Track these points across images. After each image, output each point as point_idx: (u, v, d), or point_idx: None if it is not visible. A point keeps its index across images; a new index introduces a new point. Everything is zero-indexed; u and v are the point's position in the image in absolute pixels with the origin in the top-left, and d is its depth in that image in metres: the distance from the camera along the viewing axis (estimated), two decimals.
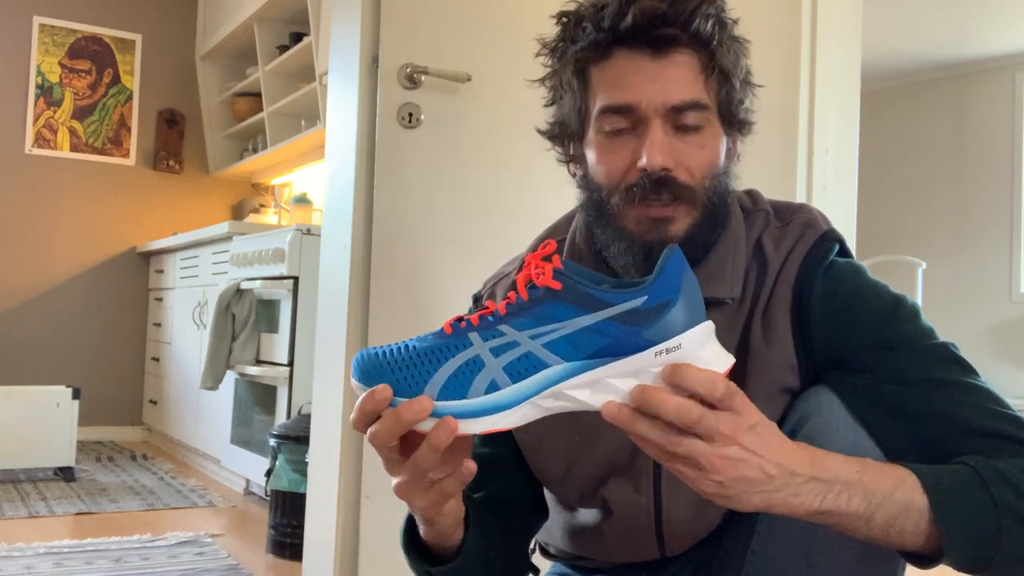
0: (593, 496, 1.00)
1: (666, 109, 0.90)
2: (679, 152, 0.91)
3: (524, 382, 0.74)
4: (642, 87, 0.90)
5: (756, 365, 0.94)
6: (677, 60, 0.91)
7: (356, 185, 1.88)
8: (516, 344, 0.74)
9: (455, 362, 0.74)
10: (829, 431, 0.88)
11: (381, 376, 0.75)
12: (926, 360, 0.90)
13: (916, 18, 4.81)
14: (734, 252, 0.97)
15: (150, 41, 5.08)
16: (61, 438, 3.62)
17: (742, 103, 0.96)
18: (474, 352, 0.74)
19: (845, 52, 2.21)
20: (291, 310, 3.09)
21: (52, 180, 4.84)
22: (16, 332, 4.72)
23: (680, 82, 0.91)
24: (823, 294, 0.94)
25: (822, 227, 0.98)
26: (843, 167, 2.20)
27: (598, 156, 0.95)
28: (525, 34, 2.00)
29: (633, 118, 0.91)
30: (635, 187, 0.91)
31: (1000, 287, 5.40)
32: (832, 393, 0.91)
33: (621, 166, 0.92)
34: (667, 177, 0.90)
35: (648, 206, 0.91)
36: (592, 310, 0.73)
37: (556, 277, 0.74)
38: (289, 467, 2.58)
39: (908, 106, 5.80)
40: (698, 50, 0.91)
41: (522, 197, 1.95)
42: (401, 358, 0.75)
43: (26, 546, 2.61)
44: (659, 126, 0.90)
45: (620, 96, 0.91)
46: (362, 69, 1.88)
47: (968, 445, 0.85)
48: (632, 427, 0.72)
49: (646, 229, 0.92)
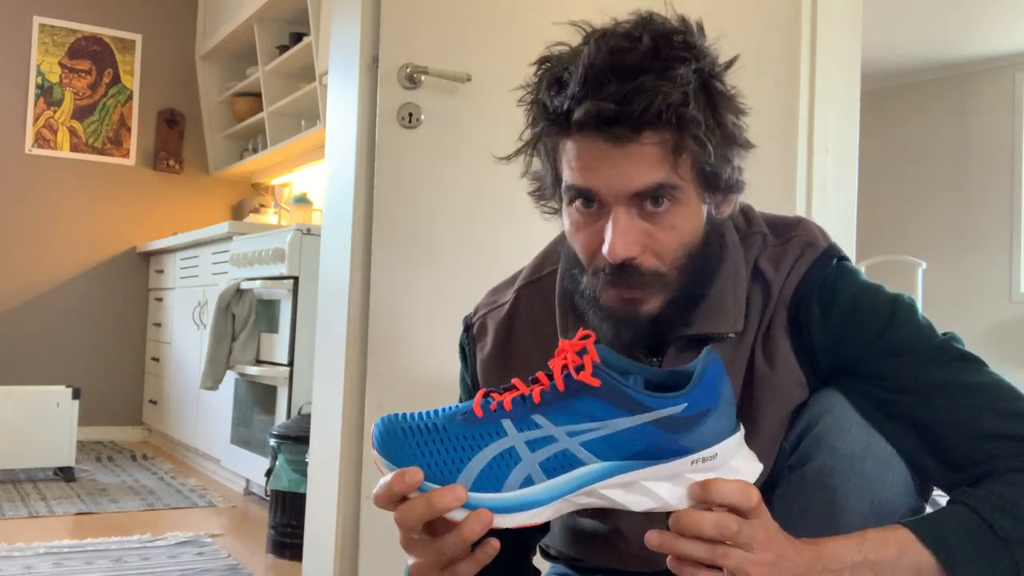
0: (605, 518, 1.00)
1: (627, 196, 0.86)
2: (647, 235, 0.87)
3: (560, 478, 0.74)
4: (602, 173, 0.86)
5: (764, 390, 0.94)
6: (637, 148, 0.85)
7: (356, 185, 1.88)
8: (553, 439, 0.73)
9: (490, 451, 0.74)
10: (841, 431, 0.88)
11: (410, 456, 0.74)
12: (932, 364, 0.89)
13: (916, 18, 4.81)
14: (734, 284, 0.95)
15: (150, 41, 5.08)
16: (61, 438, 3.62)
17: (726, 168, 0.89)
18: (509, 443, 0.74)
19: (845, 52, 2.21)
20: (291, 310, 3.09)
21: (52, 180, 4.83)
22: (16, 332, 4.72)
23: (642, 167, 0.85)
24: (819, 308, 0.93)
25: (822, 245, 0.96)
26: (843, 167, 2.20)
27: (569, 230, 0.93)
28: (525, 34, 2.00)
29: (597, 201, 0.88)
30: (602, 269, 0.89)
31: (1000, 287, 5.40)
32: (842, 395, 0.91)
33: (590, 246, 0.90)
34: (631, 266, 0.87)
35: (617, 288, 0.89)
36: (631, 412, 0.74)
37: (595, 374, 0.74)
38: (289, 467, 2.58)
39: (908, 106, 5.80)
40: (663, 133, 0.85)
41: (522, 197, 1.94)
42: (431, 440, 0.74)
43: (26, 546, 2.61)
44: (622, 213, 0.86)
45: (581, 180, 0.88)
46: (362, 69, 1.88)
47: (978, 449, 0.85)
48: (676, 550, 0.74)
49: (617, 307, 0.90)
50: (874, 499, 0.87)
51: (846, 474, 0.84)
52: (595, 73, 0.84)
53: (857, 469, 0.86)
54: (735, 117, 0.90)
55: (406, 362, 1.87)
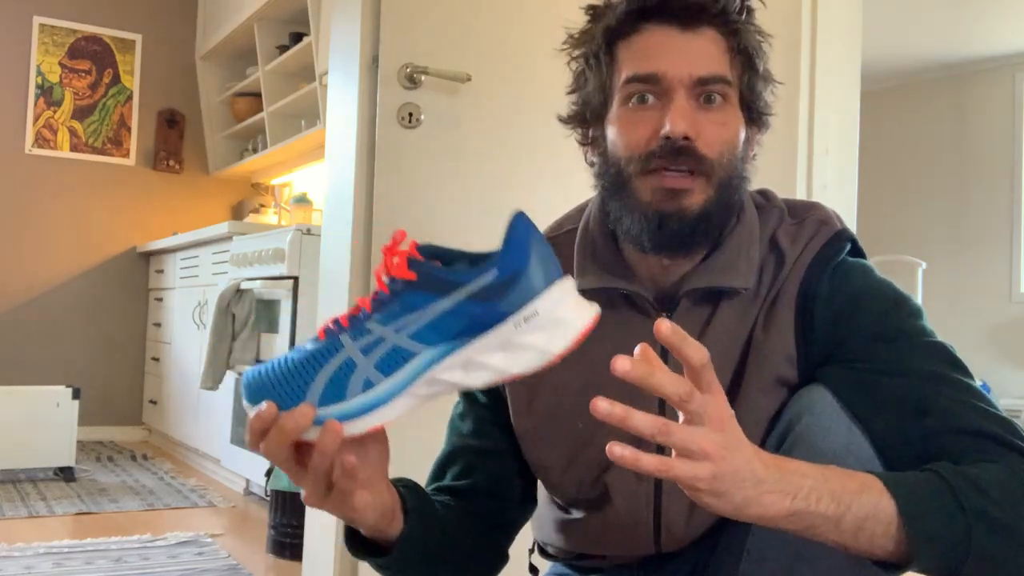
0: (594, 484, 1.00)
1: (691, 81, 0.92)
2: (701, 124, 0.92)
3: (395, 375, 0.75)
4: (669, 58, 0.92)
5: (754, 355, 0.95)
6: (704, 35, 0.93)
7: (356, 185, 1.88)
8: (382, 340, 0.74)
9: (330, 367, 0.75)
10: (822, 429, 0.88)
11: (265, 393, 0.76)
12: (922, 355, 0.90)
13: (916, 18, 4.81)
14: (748, 244, 0.97)
15: (150, 41, 5.08)
16: (61, 438, 3.62)
17: (762, 93, 0.97)
18: (346, 355, 0.75)
19: (845, 52, 2.21)
20: (291, 310, 3.09)
21: (52, 180, 4.84)
22: (16, 332, 4.72)
23: (706, 56, 0.93)
24: (828, 290, 0.94)
25: (836, 225, 0.98)
26: (843, 167, 2.20)
27: (620, 128, 0.96)
28: (525, 34, 2.00)
29: (658, 88, 0.93)
30: (655, 154, 0.92)
31: (1000, 287, 5.40)
32: (826, 391, 0.91)
33: (643, 135, 0.93)
34: (688, 146, 0.91)
35: (665, 176, 0.92)
36: (447, 293, 0.74)
37: (411, 267, 0.75)
38: None
39: (908, 106, 5.80)
40: (724, 29, 0.94)
41: (522, 197, 1.95)
42: (281, 372, 0.76)
43: (26, 546, 2.61)
44: (683, 96, 0.92)
45: (647, 66, 0.93)
46: (362, 69, 1.88)
47: (956, 442, 0.85)
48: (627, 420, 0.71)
49: (661, 199, 0.93)
50: None
51: None
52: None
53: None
54: (766, 61, 0.98)
55: None
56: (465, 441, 1.08)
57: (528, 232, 0.74)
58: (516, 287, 0.73)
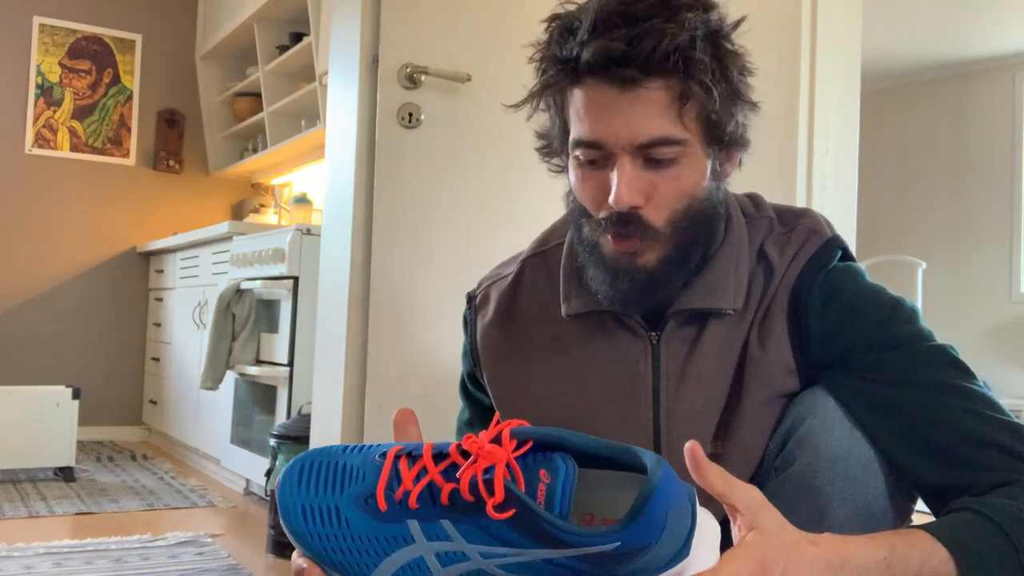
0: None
1: (632, 147, 0.88)
2: (651, 186, 0.89)
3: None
4: (608, 123, 0.88)
5: (753, 371, 0.94)
6: (644, 95, 0.87)
7: (356, 185, 1.88)
8: (465, 557, 0.64)
9: (397, 559, 0.66)
10: (824, 432, 0.88)
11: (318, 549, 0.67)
12: (925, 361, 0.90)
13: (916, 18, 4.81)
14: (736, 262, 0.96)
15: (150, 41, 5.08)
16: (61, 438, 3.62)
17: (730, 122, 0.91)
18: (417, 552, 0.65)
19: (845, 52, 2.21)
20: (291, 310, 3.09)
21: (52, 180, 4.83)
22: (16, 332, 4.72)
23: (647, 117, 0.87)
24: (821, 297, 0.93)
25: (826, 233, 0.97)
26: (843, 167, 2.20)
27: (575, 183, 0.95)
28: (525, 34, 2.00)
29: (603, 153, 0.90)
30: (606, 220, 0.91)
31: (1000, 287, 5.40)
32: (828, 395, 0.90)
33: (596, 198, 0.92)
34: (632, 215, 0.89)
35: (618, 240, 0.91)
36: (553, 546, 0.63)
37: (508, 499, 0.62)
38: None
39: (908, 106, 5.80)
40: (669, 80, 0.87)
41: (522, 197, 1.95)
42: (336, 536, 0.67)
43: (26, 546, 2.61)
44: (627, 163, 0.88)
45: (587, 132, 0.90)
46: (362, 69, 1.88)
47: (965, 453, 0.85)
48: None
49: (615, 258, 0.92)
50: (858, 500, 0.87)
51: (829, 476, 0.84)
52: (604, 18, 0.86)
53: (840, 471, 0.86)
54: (741, 74, 0.92)
55: (406, 362, 1.87)
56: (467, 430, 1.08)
57: (666, 497, 0.64)
58: (639, 558, 0.63)
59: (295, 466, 0.70)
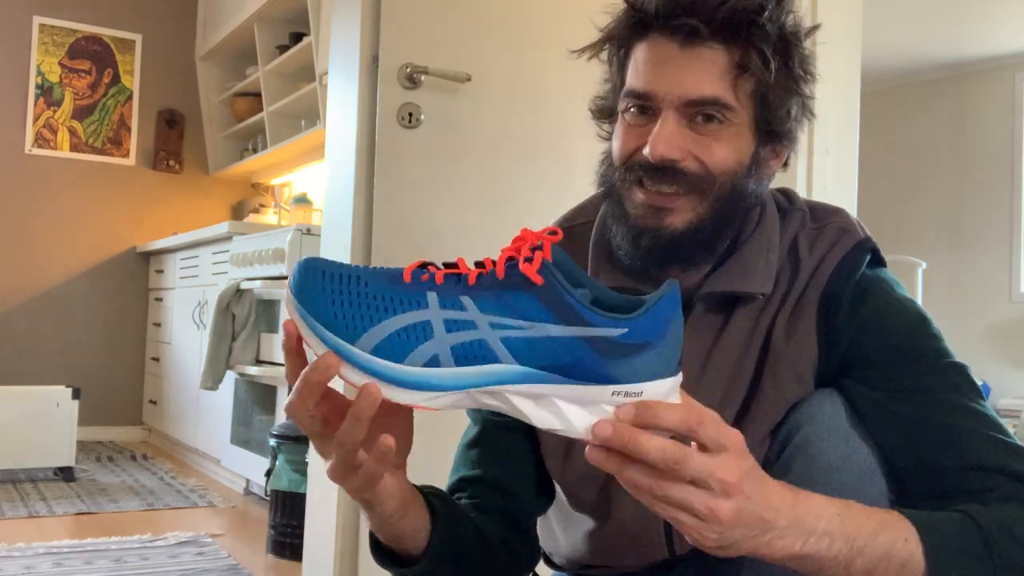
0: (595, 479, 0.99)
1: (681, 103, 0.88)
2: (692, 144, 0.88)
3: (468, 368, 0.67)
4: (662, 77, 0.89)
5: (773, 363, 0.94)
6: (704, 55, 0.87)
7: (356, 185, 1.88)
8: (473, 325, 0.67)
9: (403, 318, 0.67)
10: (820, 440, 0.87)
11: (322, 303, 0.67)
12: (940, 377, 0.89)
13: (916, 18, 4.81)
14: (767, 249, 0.95)
15: (150, 41, 5.08)
16: (61, 438, 3.62)
17: (782, 109, 0.90)
18: (426, 316, 0.67)
19: (845, 52, 2.21)
20: None
21: (52, 180, 4.84)
22: (16, 332, 4.72)
23: (701, 76, 0.87)
24: (851, 302, 0.92)
25: (858, 235, 0.96)
26: (843, 167, 2.20)
27: (616, 136, 0.95)
28: (525, 34, 2.00)
29: (651, 105, 0.90)
30: (636, 166, 0.90)
31: (1000, 287, 5.40)
32: (826, 403, 0.90)
33: (629, 148, 0.92)
34: (670, 167, 0.88)
35: (649, 192, 0.90)
36: (565, 322, 0.66)
37: (542, 271, 0.67)
38: (289, 467, 2.58)
39: (908, 106, 5.80)
40: (731, 46, 0.87)
41: (522, 197, 1.95)
42: (349, 290, 0.67)
43: (26, 546, 2.61)
44: (671, 118, 0.88)
45: (640, 83, 0.90)
46: (362, 69, 1.88)
47: (976, 478, 0.84)
48: (621, 473, 0.67)
49: (642, 214, 0.91)
50: None
51: (823, 485, 0.83)
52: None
53: (835, 481, 0.85)
54: (803, 68, 0.92)
55: None
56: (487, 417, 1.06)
57: (674, 309, 0.68)
58: (637, 357, 0.66)
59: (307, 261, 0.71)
